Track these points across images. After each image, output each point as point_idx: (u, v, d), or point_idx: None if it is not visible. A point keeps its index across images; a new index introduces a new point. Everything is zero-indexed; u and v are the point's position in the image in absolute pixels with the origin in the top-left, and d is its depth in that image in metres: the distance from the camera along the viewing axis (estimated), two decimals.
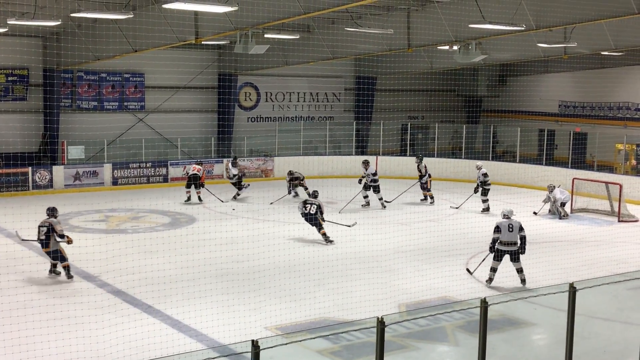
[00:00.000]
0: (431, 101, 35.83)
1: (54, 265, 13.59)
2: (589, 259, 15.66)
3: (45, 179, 23.81)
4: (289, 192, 22.38)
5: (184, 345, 10.24)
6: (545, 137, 29.18)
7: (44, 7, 17.83)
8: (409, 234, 17.69)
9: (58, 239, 13.30)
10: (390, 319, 6.39)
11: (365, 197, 21.74)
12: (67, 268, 13.42)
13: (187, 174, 23.03)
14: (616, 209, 21.13)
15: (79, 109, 26.70)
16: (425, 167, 22.98)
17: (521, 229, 13.60)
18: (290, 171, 23.26)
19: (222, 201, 22.30)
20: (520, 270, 13.70)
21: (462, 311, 11.08)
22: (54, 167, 24.20)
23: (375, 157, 29.24)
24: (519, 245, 13.60)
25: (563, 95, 34.74)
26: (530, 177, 26.25)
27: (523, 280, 13.71)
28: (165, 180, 26.02)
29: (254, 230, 18.17)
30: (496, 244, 13.57)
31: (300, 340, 6.58)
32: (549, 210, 21.37)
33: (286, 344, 6.36)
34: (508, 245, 13.54)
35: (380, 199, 21.72)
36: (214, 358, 5.94)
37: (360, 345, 10.30)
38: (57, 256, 13.37)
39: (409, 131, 30.44)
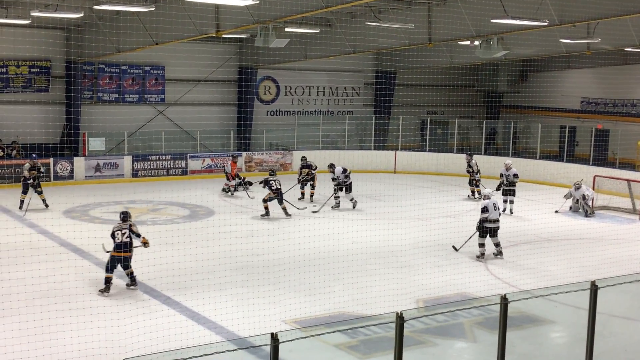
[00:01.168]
0: (451, 96, 35.67)
1: (109, 280, 12.22)
2: (610, 257, 15.53)
3: (67, 170, 24.00)
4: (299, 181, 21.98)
5: (202, 337, 10.29)
6: (567, 134, 28.97)
7: None
8: (427, 229, 17.64)
9: (136, 240, 12.39)
10: (409, 315, 6.38)
11: (337, 197, 20.67)
12: (132, 274, 12.50)
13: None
14: (638, 207, 20.93)
15: (100, 101, 26.88)
16: (477, 164, 22.98)
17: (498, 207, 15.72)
18: (303, 156, 22.69)
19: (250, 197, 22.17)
20: (498, 244, 15.40)
21: (480, 308, 11.02)
22: (75, 159, 24.40)
23: (394, 152, 29.20)
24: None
25: (585, 92, 34.41)
26: (551, 174, 26.09)
27: (500, 252, 15.43)
28: (185, 172, 26.13)
29: (272, 223, 18.21)
30: (483, 223, 15.18)
31: (319, 334, 6.60)
32: (570, 207, 21.21)
33: (305, 337, 6.36)
34: (494, 222, 15.27)
35: (352, 199, 20.67)
36: (233, 350, 5.96)
37: (377, 340, 10.30)
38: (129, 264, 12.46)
39: (428, 126, 30.35)
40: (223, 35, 20.61)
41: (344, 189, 20.65)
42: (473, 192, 22.95)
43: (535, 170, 26.60)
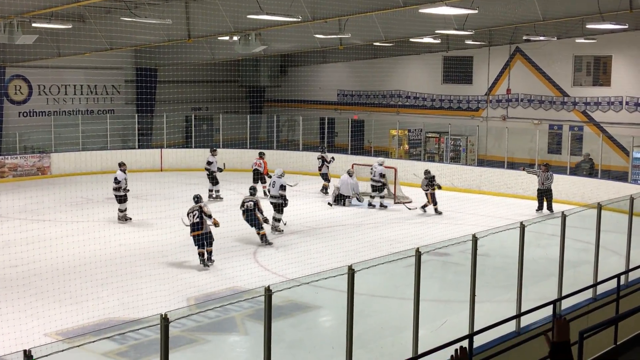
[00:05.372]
0: (214, 92, 35.78)
1: (202, 255, 14.38)
2: (369, 240, 16.52)
3: None
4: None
5: None
6: (326, 125, 30.28)
7: None
8: None
9: (208, 221, 14.32)
10: (176, 314, 6.27)
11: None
12: (210, 253, 14.44)
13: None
14: (392, 192, 22.44)
15: None
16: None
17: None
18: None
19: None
20: (271, 220, 17.13)
21: (250, 300, 11.19)
22: None
23: (159, 150, 28.70)
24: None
25: (341, 85, 36.24)
26: (314, 164, 27.07)
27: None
28: None
29: (30, 231, 17.03)
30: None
31: (82, 344, 6.24)
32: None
33: (65, 350, 6.00)
34: (272, 198, 17.56)
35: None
36: None
37: (148, 343, 10.09)
38: (209, 240, 14.41)
39: (193, 122, 30.21)
40: None
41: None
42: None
43: (299, 162, 27.50)
